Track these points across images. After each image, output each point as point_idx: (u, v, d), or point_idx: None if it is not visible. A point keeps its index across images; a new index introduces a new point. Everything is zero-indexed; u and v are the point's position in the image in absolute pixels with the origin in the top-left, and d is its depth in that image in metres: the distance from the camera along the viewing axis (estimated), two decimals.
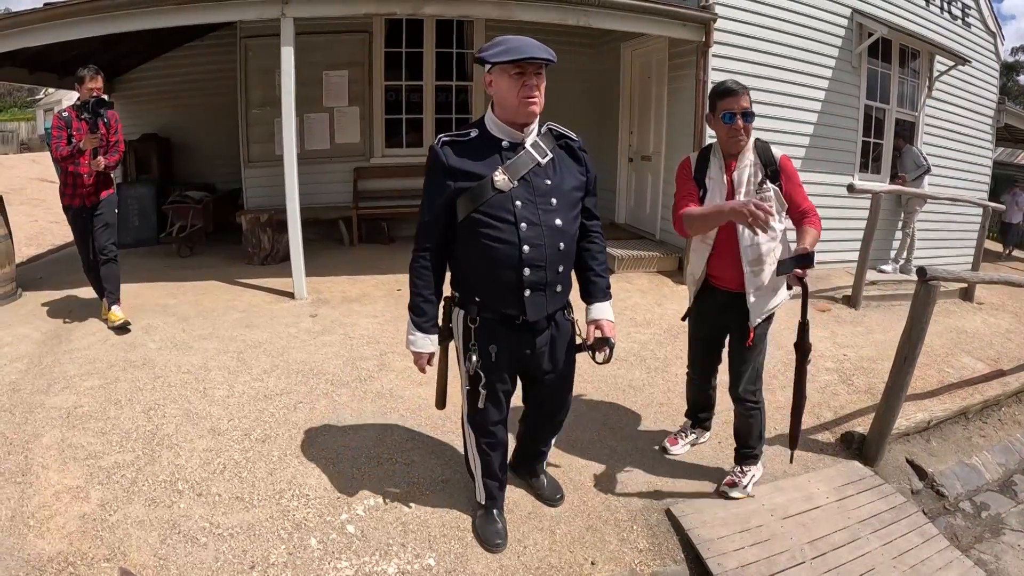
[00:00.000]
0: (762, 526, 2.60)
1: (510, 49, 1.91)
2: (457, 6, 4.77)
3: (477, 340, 2.13)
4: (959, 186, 7.63)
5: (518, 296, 2.06)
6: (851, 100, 6.48)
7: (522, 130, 2.04)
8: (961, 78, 7.49)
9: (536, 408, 2.47)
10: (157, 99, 8.05)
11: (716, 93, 2.51)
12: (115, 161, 4.28)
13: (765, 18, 5.83)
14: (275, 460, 2.83)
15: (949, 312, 5.80)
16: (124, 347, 4.01)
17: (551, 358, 2.25)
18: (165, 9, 4.43)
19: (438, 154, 2.03)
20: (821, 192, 6.29)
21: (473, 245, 2.05)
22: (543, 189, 2.05)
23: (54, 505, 2.47)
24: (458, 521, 2.50)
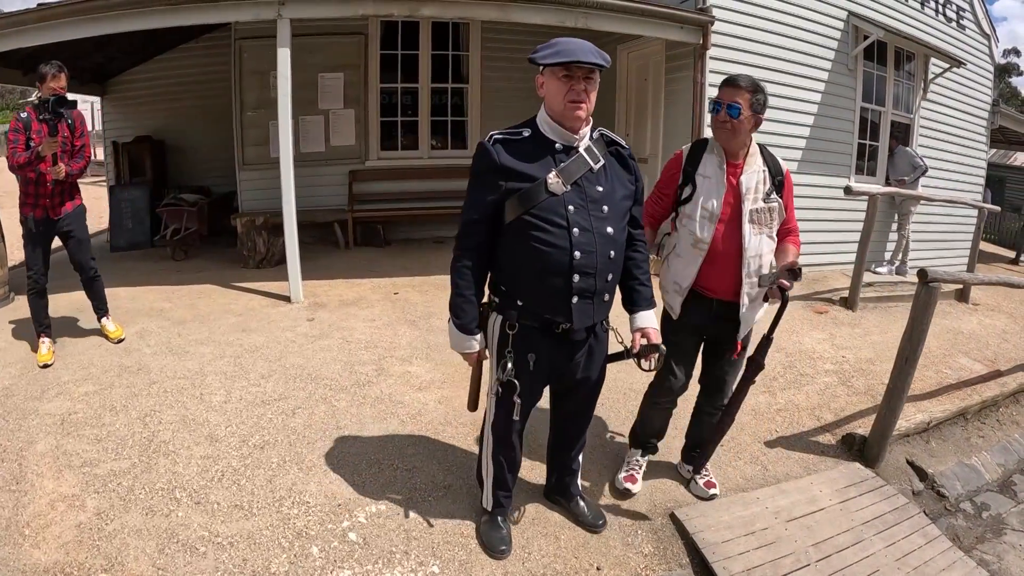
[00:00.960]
0: (767, 529, 2.59)
1: (560, 51, 1.89)
2: (455, 8, 4.76)
3: (514, 347, 2.07)
4: (954, 187, 7.68)
5: (565, 302, 2.02)
6: (847, 102, 6.51)
7: (575, 133, 2.02)
8: (956, 80, 7.54)
9: (562, 417, 2.44)
10: (151, 101, 8.00)
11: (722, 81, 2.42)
12: (80, 168, 3.79)
13: (762, 21, 5.85)
14: (274, 467, 2.80)
15: (945, 313, 5.82)
16: (119, 352, 3.97)
17: (586, 367, 2.22)
18: (159, 9, 4.39)
19: (489, 151, 1.98)
20: (818, 194, 6.35)
21: (521, 248, 2.00)
22: (595, 196, 2.02)
23: (49, 514, 2.43)
24: (462, 528, 2.47)
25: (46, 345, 3.86)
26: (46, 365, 3.73)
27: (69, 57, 6.44)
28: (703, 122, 5.56)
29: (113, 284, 5.41)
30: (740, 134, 2.37)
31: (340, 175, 7.11)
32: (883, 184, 6.78)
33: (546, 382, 2.24)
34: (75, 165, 3.78)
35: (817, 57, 6.21)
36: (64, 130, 3.70)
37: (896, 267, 6.94)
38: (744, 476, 2.99)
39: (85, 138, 3.88)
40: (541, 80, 1.99)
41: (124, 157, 7.57)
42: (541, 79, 1.99)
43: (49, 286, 4.02)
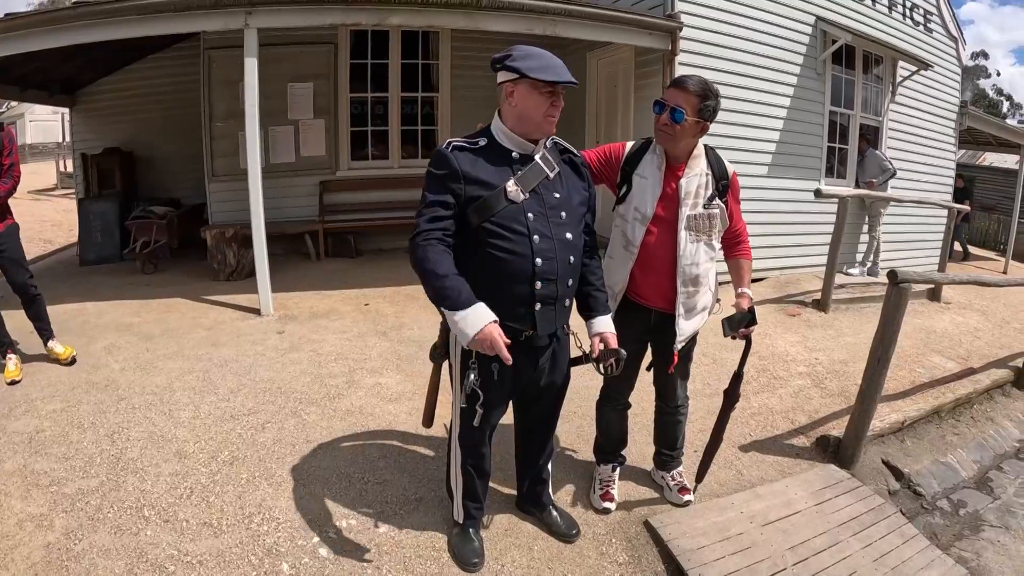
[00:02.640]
0: (742, 534, 2.58)
1: (547, 67, 1.89)
2: (423, 16, 4.73)
3: (478, 357, 2.01)
4: (924, 188, 7.80)
5: (529, 310, 2.00)
6: (816, 106, 6.59)
7: (534, 143, 2.01)
8: (924, 83, 7.67)
9: (528, 424, 2.42)
10: (120, 112, 7.85)
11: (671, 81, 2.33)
12: (7, 189, 3.62)
13: (731, 27, 5.90)
14: (244, 483, 2.74)
15: (917, 312, 5.91)
16: (87, 368, 3.87)
17: (550, 373, 2.20)
18: (128, 19, 4.32)
19: (448, 158, 1.94)
20: (789, 198, 6.42)
21: (481, 257, 1.97)
22: (553, 202, 2.02)
23: (17, 535, 2.39)
24: (433, 541, 2.43)
25: (12, 361, 3.76)
26: (14, 381, 3.63)
27: (38, 68, 6.40)
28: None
29: (81, 299, 5.36)
30: (681, 139, 2.27)
31: (311, 186, 7.04)
32: (853, 186, 6.87)
33: (511, 390, 2.21)
34: (2, 187, 3.60)
35: (786, 62, 6.28)
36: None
37: (868, 268, 7.04)
38: (719, 481, 2.97)
39: (14, 156, 3.66)
40: (512, 89, 1.93)
41: (93, 169, 7.42)
42: (512, 88, 1.93)
43: (14, 301, 3.91)
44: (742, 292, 2.46)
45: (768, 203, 6.35)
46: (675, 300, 2.37)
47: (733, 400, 2.53)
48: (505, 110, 2.00)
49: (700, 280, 2.38)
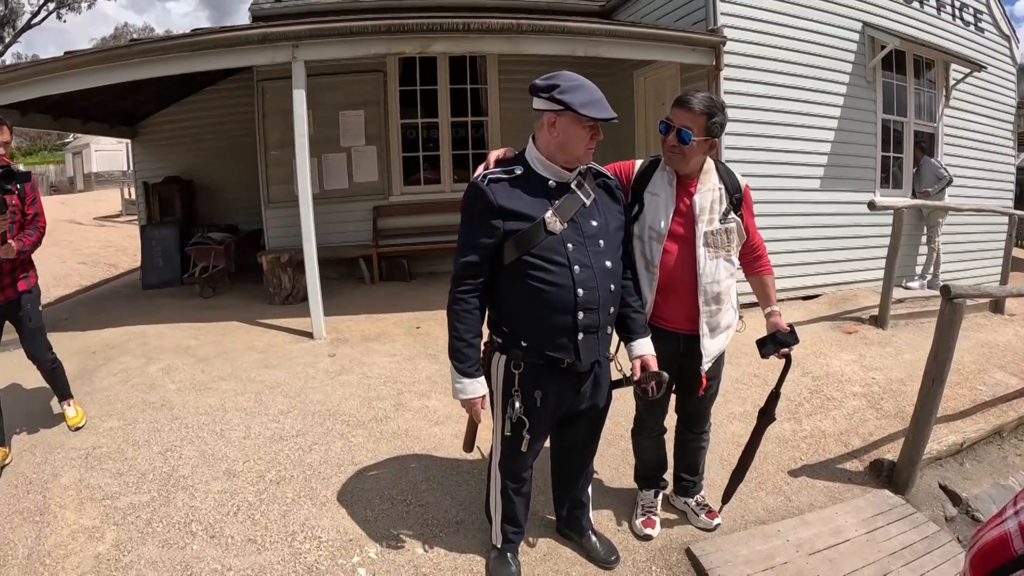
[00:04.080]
0: (787, 563, 2.48)
1: (594, 102, 1.90)
2: (466, 42, 4.85)
3: (521, 386, 2.05)
4: (983, 195, 7.44)
5: (571, 340, 2.00)
6: (867, 115, 6.38)
7: (570, 171, 2.02)
8: (978, 85, 7.34)
9: (568, 448, 2.42)
10: (179, 142, 8.31)
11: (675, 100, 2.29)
12: (32, 242, 3.23)
13: (775, 38, 5.80)
14: (289, 502, 2.82)
15: (979, 326, 5.60)
16: (144, 388, 4.08)
17: (592, 397, 2.21)
18: (181, 55, 4.59)
19: (485, 193, 1.95)
20: (843, 211, 6.22)
21: (523, 289, 1.98)
22: (591, 231, 2.02)
23: (70, 544, 2.51)
24: (471, 564, 2.45)
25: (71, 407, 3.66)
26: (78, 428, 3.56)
27: (99, 102, 6.86)
28: (721, 144, 5.51)
29: (142, 322, 5.65)
30: (691, 158, 2.25)
31: (364, 211, 7.23)
32: (909, 196, 6.61)
33: (554, 416, 2.21)
34: (27, 240, 3.20)
35: (834, 71, 6.12)
36: (14, 201, 3.14)
37: (928, 281, 6.72)
38: (766, 508, 2.89)
39: (38, 205, 3.31)
40: (554, 119, 1.92)
41: (154, 197, 7.87)
42: (554, 118, 1.92)
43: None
44: (771, 311, 2.41)
45: (821, 217, 6.18)
46: (699, 319, 2.33)
47: (768, 420, 2.46)
48: (543, 138, 2.00)
49: (722, 298, 2.34)
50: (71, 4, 28.63)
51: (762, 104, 5.74)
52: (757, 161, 5.75)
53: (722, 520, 2.73)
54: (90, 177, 27.39)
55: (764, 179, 5.78)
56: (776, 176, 5.86)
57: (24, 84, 4.66)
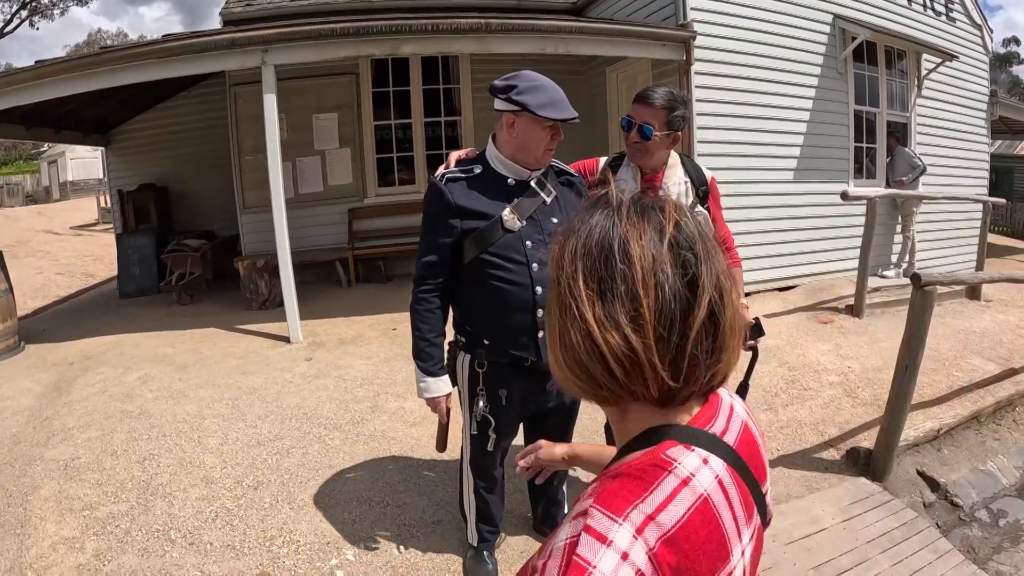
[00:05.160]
0: (764, 553, 2.47)
1: (552, 103, 1.88)
2: (435, 43, 4.83)
3: (486, 385, 2.06)
4: (958, 183, 7.53)
5: (531, 338, 2.00)
6: (840, 107, 6.44)
7: (530, 169, 2.01)
8: (950, 74, 7.43)
9: None
10: (153, 149, 8.21)
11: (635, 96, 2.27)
12: None
13: (746, 32, 5.83)
14: (267, 507, 2.81)
15: (956, 313, 5.67)
16: (121, 398, 4.03)
17: (559, 395, 2.19)
18: (150, 63, 4.55)
19: (442, 192, 1.96)
20: (817, 202, 6.27)
21: (482, 287, 1.98)
22: (551, 228, 1.99)
23: (51, 556, 2.51)
24: (448, 563, 2.45)
25: None
26: None
27: (71, 111, 6.76)
28: (693, 138, 5.54)
29: (119, 331, 5.58)
30: (655, 153, 2.25)
31: (339, 214, 7.20)
32: (884, 186, 6.68)
33: (522, 414, 2.22)
34: None
35: (805, 63, 6.17)
36: None
37: (903, 269, 6.81)
38: None
39: None
40: (512, 119, 1.91)
41: (129, 205, 7.76)
42: (512, 118, 1.91)
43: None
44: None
45: (795, 208, 6.22)
46: None
47: None
48: (502, 138, 1.99)
49: None
50: (43, 11, 28.30)
51: (733, 98, 5.78)
52: (729, 154, 5.78)
53: None
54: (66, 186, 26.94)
55: (737, 172, 5.81)
56: (749, 169, 5.89)
57: None
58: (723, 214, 2.47)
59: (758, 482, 0.73)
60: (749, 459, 0.71)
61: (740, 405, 0.78)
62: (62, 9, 28.75)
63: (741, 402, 0.79)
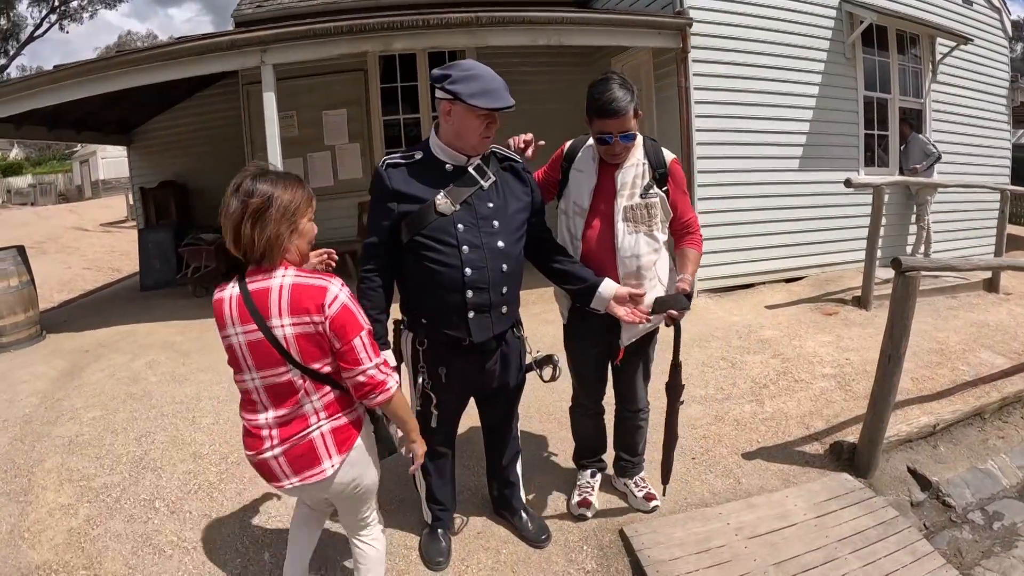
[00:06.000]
0: (724, 547, 2.44)
1: (484, 92, 1.93)
2: (426, 38, 4.87)
3: (426, 362, 2.15)
4: (976, 172, 7.23)
5: (462, 318, 2.06)
6: (848, 93, 6.25)
7: (468, 156, 2.07)
8: (967, 58, 7.13)
9: (488, 425, 2.48)
10: (172, 148, 8.50)
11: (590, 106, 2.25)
12: None
13: (746, 17, 5.70)
14: (246, 481, 2.95)
15: (971, 305, 5.47)
16: (128, 381, 4.25)
17: (501, 377, 2.25)
18: (158, 65, 4.75)
19: (382, 177, 2.05)
20: (825, 191, 6.12)
21: (417, 268, 2.07)
22: (485, 212, 2.07)
23: (47, 521, 2.72)
24: (406, 540, 2.52)
25: None
26: None
27: (91, 112, 7.05)
28: (692, 127, 5.47)
29: (135, 321, 5.85)
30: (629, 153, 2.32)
31: (350, 207, 7.33)
32: (897, 174, 6.47)
33: (464, 392, 2.28)
34: None
35: (810, 48, 6.00)
36: None
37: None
38: (712, 490, 2.86)
39: None
40: (449, 108, 1.98)
41: (150, 201, 8.06)
42: (449, 107, 1.98)
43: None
44: (682, 278, 2.35)
45: (802, 198, 6.08)
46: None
47: (676, 391, 2.37)
48: (442, 126, 2.06)
49: (643, 273, 2.32)
50: (72, 15, 29.04)
51: (734, 85, 5.66)
52: (731, 143, 5.68)
53: (664, 502, 2.72)
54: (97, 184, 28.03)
55: (739, 160, 5.72)
56: (752, 157, 5.78)
57: (12, 100, 4.89)
58: (688, 197, 2.47)
59: (259, 311, 1.66)
60: (256, 298, 1.66)
61: (282, 280, 1.68)
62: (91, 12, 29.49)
63: (287, 281, 1.68)
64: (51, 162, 35.16)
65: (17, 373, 4.56)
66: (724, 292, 5.84)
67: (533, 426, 3.41)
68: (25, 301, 5.33)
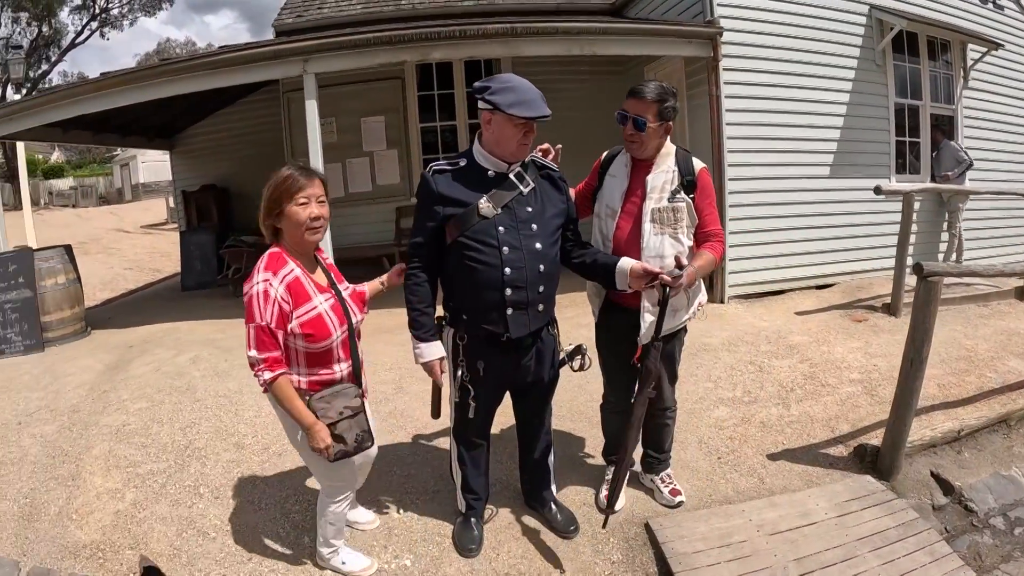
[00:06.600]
0: (745, 542, 2.52)
1: (521, 103, 2.07)
2: (463, 48, 5.02)
3: (465, 356, 2.29)
4: (1009, 179, 7.10)
5: (501, 314, 2.20)
6: (879, 100, 6.22)
7: (508, 163, 2.22)
8: (999, 64, 7.03)
9: (522, 417, 2.61)
10: (213, 152, 8.82)
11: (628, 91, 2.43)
12: None
13: (776, 26, 5.74)
14: (287, 471, 3.12)
15: (1003, 313, 5.41)
16: (173, 375, 4.45)
17: (536, 371, 2.39)
18: (202, 74, 4.97)
19: (429, 182, 2.21)
20: (856, 198, 6.10)
21: (460, 267, 2.21)
22: (524, 216, 2.22)
23: (95, 504, 2.90)
24: (440, 528, 2.65)
25: None
26: None
27: (136, 117, 7.37)
28: (723, 135, 5.52)
29: (177, 319, 6.10)
30: (648, 144, 2.42)
31: (387, 212, 7.54)
32: (928, 181, 6.42)
33: (500, 386, 2.41)
34: None
35: (840, 56, 6.00)
36: None
37: None
38: (736, 488, 2.94)
39: None
40: (489, 117, 2.14)
41: (192, 205, 8.39)
42: (489, 116, 2.14)
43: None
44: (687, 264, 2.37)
45: (833, 205, 6.07)
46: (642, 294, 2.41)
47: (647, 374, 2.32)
48: (484, 134, 2.22)
49: None
50: (113, 22, 29.74)
51: (765, 93, 5.69)
52: (761, 150, 5.71)
53: (688, 498, 2.82)
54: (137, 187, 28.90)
55: (770, 168, 5.74)
56: (783, 165, 5.80)
57: (61, 106, 5.17)
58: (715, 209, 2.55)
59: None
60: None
61: None
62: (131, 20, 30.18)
63: None
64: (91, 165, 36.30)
65: (64, 366, 4.79)
66: (755, 298, 5.87)
67: (565, 425, 3.51)
68: (72, 298, 5.59)
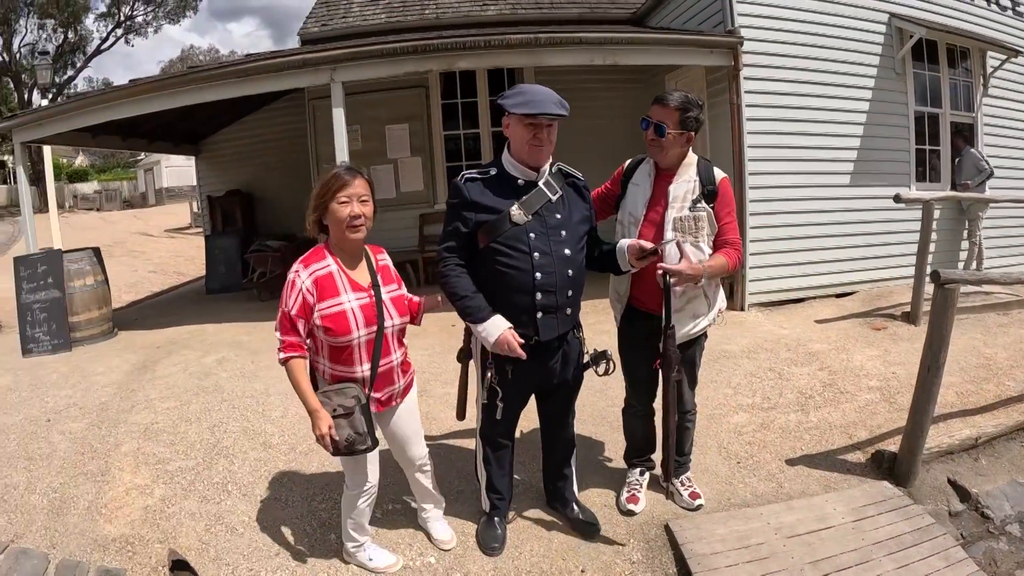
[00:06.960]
0: (763, 544, 2.56)
1: (528, 102, 2.16)
2: (488, 58, 5.12)
3: (494, 359, 2.35)
4: None
5: (532, 318, 2.28)
6: (899, 108, 6.23)
7: (536, 170, 2.31)
8: (1019, 71, 7.00)
9: (546, 418, 2.68)
10: (239, 158, 9.00)
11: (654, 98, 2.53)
12: None
13: (797, 35, 5.77)
14: (313, 469, 3.21)
15: (1023, 322, 5.38)
16: (200, 376, 4.57)
17: (561, 373, 2.46)
18: (231, 82, 5.10)
19: (461, 189, 2.28)
20: (875, 206, 6.11)
21: (491, 272, 2.28)
22: (554, 223, 2.30)
23: (124, 499, 2.99)
24: (464, 527, 2.72)
25: None
26: None
27: (163, 123, 7.57)
28: (743, 144, 5.57)
29: (203, 321, 6.24)
30: (670, 150, 2.49)
31: (411, 219, 7.65)
32: (949, 189, 6.40)
33: (527, 388, 2.48)
34: None
35: (860, 64, 6.02)
36: None
37: None
38: (754, 492, 2.98)
39: None
40: (507, 123, 2.26)
41: (217, 209, 8.57)
42: (507, 121, 2.25)
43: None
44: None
45: (853, 213, 6.08)
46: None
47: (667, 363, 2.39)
48: (509, 142, 2.32)
49: None
50: (137, 30, 30.34)
51: (785, 102, 5.73)
52: (781, 159, 5.75)
53: (707, 501, 2.87)
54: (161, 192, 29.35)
55: (790, 176, 5.77)
56: (803, 173, 5.83)
57: (92, 111, 5.33)
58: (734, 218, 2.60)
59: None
60: None
61: None
62: (155, 27, 30.77)
63: None
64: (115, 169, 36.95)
65: (92, 366, 4.93)
66: (775, 306, 5.91)
67: (587, 429, 3.57)
68: (99, 299, 5.75)
